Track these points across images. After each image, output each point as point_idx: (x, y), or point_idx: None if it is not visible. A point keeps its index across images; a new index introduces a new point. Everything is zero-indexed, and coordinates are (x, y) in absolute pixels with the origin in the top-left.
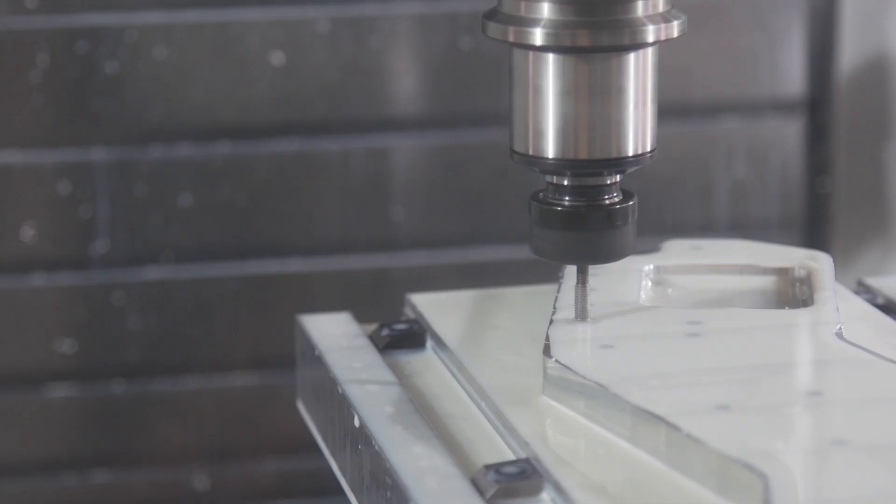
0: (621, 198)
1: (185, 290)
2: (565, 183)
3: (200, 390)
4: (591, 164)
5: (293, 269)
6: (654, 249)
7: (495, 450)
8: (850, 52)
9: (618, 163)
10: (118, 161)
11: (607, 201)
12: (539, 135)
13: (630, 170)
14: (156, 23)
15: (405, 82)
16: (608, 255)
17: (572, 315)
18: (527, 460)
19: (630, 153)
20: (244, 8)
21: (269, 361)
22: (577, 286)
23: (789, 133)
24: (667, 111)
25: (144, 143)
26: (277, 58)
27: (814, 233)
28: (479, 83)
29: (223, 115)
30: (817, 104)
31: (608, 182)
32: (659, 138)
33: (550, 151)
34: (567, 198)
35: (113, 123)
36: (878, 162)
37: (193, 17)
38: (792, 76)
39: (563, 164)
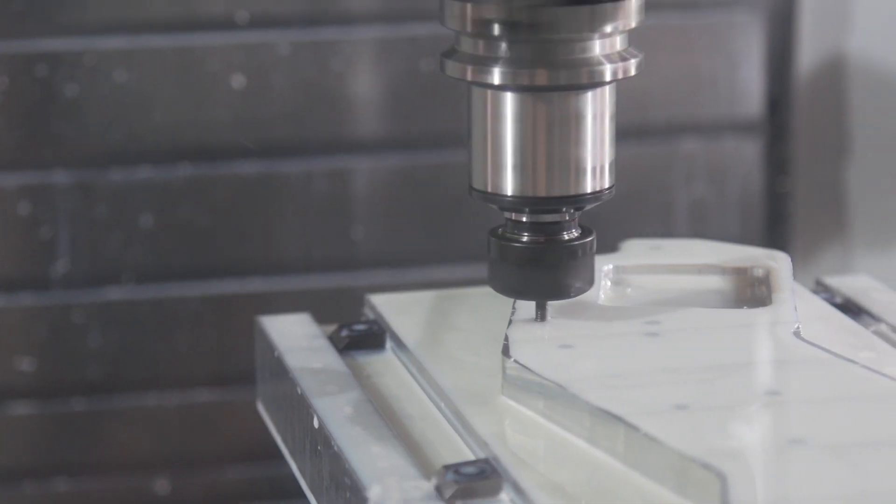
0: (580, 233)
1: (145, 309)
2: (524, 219)
3: (162, 406)
4: (550, 202)
5: (254, 289)
6: (613, 249)
7: (455, 450)
8: (807, 72)
9: (576, 199)
10: (79, 183)
11: (566, 237)
12: (497, 172)
13: (588, 206)
14: (115, 47)
15: (366, 104)
16: (567, 291)
17: (532, 315)
18: (486, 460)
19: (588, 190)
20: (205, 32)
21: (230, 378)
22: (536, 320)
23: (748, 152)
24: (627, 132)
25: (105, 165)
26: (238, 81)
27: (773, 232)
28: (439, 105)
29: (184, 138)
30: (776, 111)
31: (567, 218)
32: (619, 158)
33: (509, 188)
34: (525, 234)
35: (73, 146)
36: (837, 163)
37: (153, 42)
38: (751, 95)
39: (521, 202)
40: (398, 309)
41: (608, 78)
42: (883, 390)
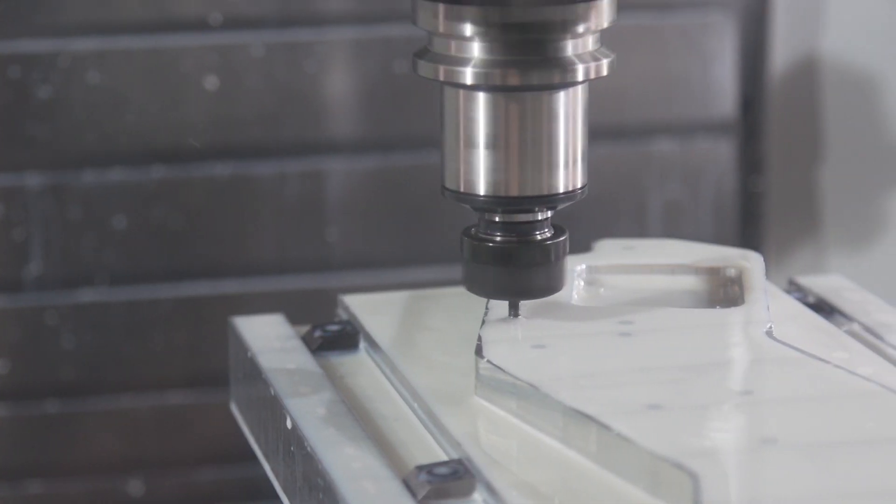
0: (553, 233)
1: (119, 311)
2: (496, 219)
3: (135, 408)
4: (522, 201)
5: (228, 291)
6: (586, 249)
7: (428, 451)
8: (780, 74)
9: (549, 199)
10: (52, 185)
11: (539, 237)
12: (470, 172)
13: (561, 206)
14: (89, 49)
15: (339, 106)
16: (540, 290)
17: (505, 315)
18: (459, 461)
19: (561, 190)
20: (178, 33)
21: (204, 380)
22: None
23: (722, 153)
24: (601, 133)
25: (78, 167)
26: (212, 82)
27: (746, 232)
28: (413, 106)
29: (157, 140)
30: (749, 110)
31: (539, 218)
32: (593, 159)
33: (481, 188)
34: (498, 234)
35: (46, 148)
36: (810, 163)
37: (127, 43)
38: (724, 96)
39: (493, 202)
40: (371, 309)
41: (580, 78)
42: (855, 390)
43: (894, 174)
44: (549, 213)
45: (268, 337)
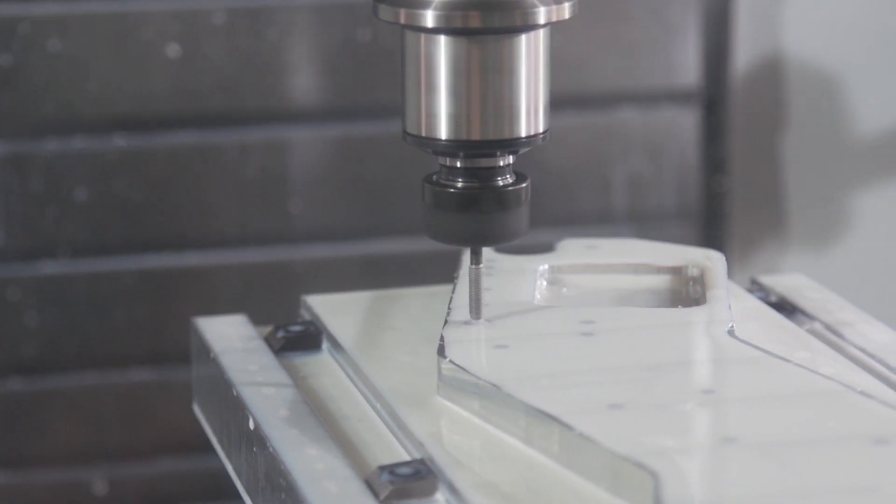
0: (514, 179)
1: (81, 284)
2: (458, 165)
3: (98, 386)
4: (484, 145)
5: (191, 263)
6: (548, 249)
7: (390, 451)
8: (744, 45)
9: (511, 143)
10: (12, 155)
11: (500, 183)
12: (431, 116)
13: (523, 150)
14: (50, 14)
15: (302, 74)
16: (502, 236)
17: (467, 315)
18: (421, 461)
19: (523, 134)
20: (139, 0)
21: (168, 356)
22: (470, 268)
23: (685, 124)
24: (564, 103)
25: (39, 136)
26: (174, 50)
27: (710, 231)
28: (376, 75)
29: (119, 108)
30: (713, 93)
31: (501, 164)
32: (557, 129)
33: (443, 133)
34: (460, 180)
35: (6, 117)
36: (774, 161)
37: (88, 9)
38: (687, 67)
39: (455, 145)
40: (334, 309)
41: (542, 21)
42: (816, 389)
43: (857, 170)
44: (511, 159)
45: (230, 337)
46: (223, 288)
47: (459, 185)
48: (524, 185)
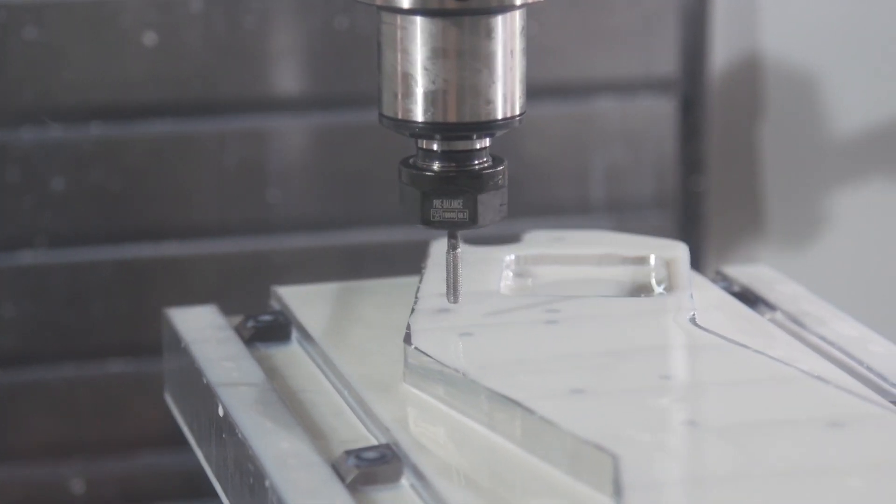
0: (491, 162)
1: (59, 275)
2: (435, 148)
3: (76, 378)
4: (461, 128)
5: (169, 253)
6: (515, 240)
7: (357, 436)
8: (721, 42)
9: (487, 126)
10: None
11: (477, 166)
12: (408, 98)
13: (499, 133)
14: (26, 2)
15: (280, 63)
16: (479, 220)
17: (434, 305)
18: (387, 446)
19: (499, 116)
20: None
21: (145, 347)
22: (447, 253)
23: (663, 114)
24: (542, 92)
25: (16, 125)
26: (150, 38)
27: (688, 223)
28: (354, 63)
29: (96, 97)
30: (691, 81)
31: (478, 147)
32: (534, 118)
33: (420, 115)
34: (437, 163)
35: None
36: (751, 158)
37: None
38: (666, 57)
39: (432, 128)
40: (304, 300)
41: (518, 1)
42: (773, 374)
43: (834, 171)
44: (488, 142)
45: (201, 328)
46: (201, 278)
47: (436, 167)
48: (501, 167)
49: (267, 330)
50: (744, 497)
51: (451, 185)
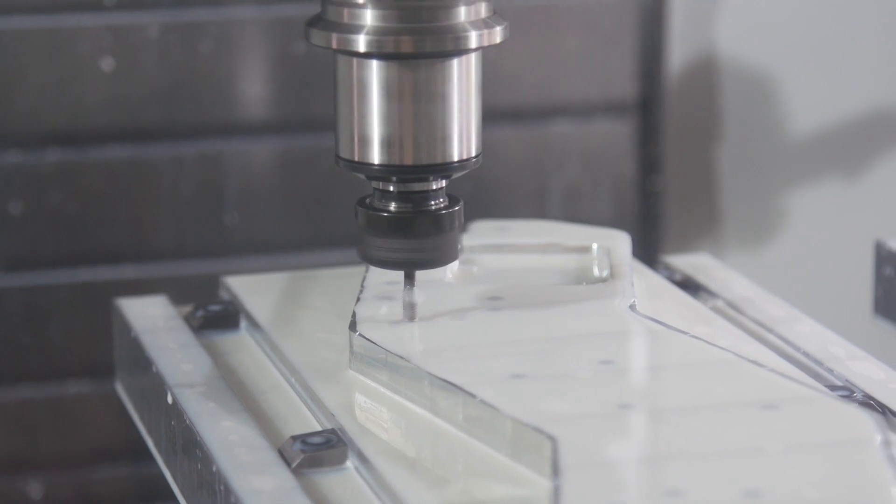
0: (447, 203)
1: (16, 298)
2: (391, 189)
3: (34, 399)
4: (417, 170)
5: (126, 276)
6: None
7: (303, 422)
8: (679, 53)
9: (443, 168)
10: None
11: (433, 207)
12: (364, 141)
13: (456, 175)
14: None
15: (237, 87)
16: (435, 260)
17: (379, 293)
18: (332, 431)
19: (455, 158)
20: (73, 14)
21: (104, 369)
22: (404, 290)
23: (621, 135)
24: (499, 115)
25: None
26: (108, 63)
27: (646, 230)
28: (312, 88)
29: (53, 122)
30: (648, 104)
31: (434, 188)
32: (493, 142)
33: (376, 157)
34: (393, 204)
35: None
36: (708, 161)
37: (21, 23)
38: (622, 78)
39: (388, 170)
40: (252, 289)
41: (473, 45)
42: (710, 358)
43: (790, 169)
44: (444, 183)
45: (151, 317)
46: None
47: (393, 208)
48: (457, 207)
49: (216, 319)
50: (679, 477)
51: (408, 227)
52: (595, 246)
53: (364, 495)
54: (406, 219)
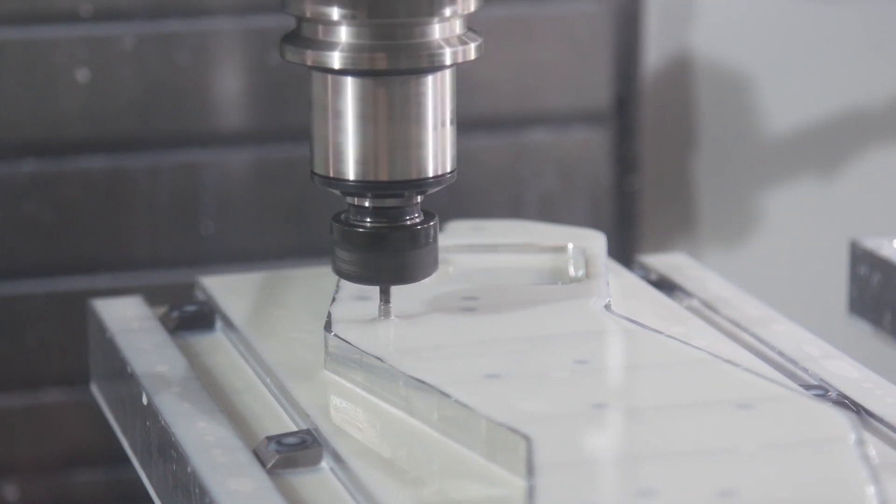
0: (422, 218)
1: None
2: (366, 204)
3: (9, 408)
4: (392, 186)
5: (102, 285)
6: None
7: (278, 422)
8: (655, 56)
9: (418, 184)
10: None
11: (409, 222)
12: (339, 157)
13: (431, 191)
14: None
15: (213, 98)
16: (411, 275)
17: (355, 293)
18: (307, 431)
19: (430, 174)
20: (49, 25)
21: (80, 377)
22: (380, 306)
23: (597, 143)
24: (476, 124)
25: None
26: (83, 74)
27: (622, 230)
28: (288, 98)
29: (29, 132)
30: (624, 105)
31: (409, 203)
32: (469, 150)
33: (351, 173)
34: (368, 219)
35: None
36: (684, 162)
37: None
38: (599, 86)
39: (363, 186)
40: (228, 290)
41: (448, 62)
42: (685, 358)
43: (766, 170)
44: (419, 198)
45: (126, 318)
46: None
47: (368, 224)
48: (432, 222)
49: (191, 319)
50: (653, 476)
51: (383, 242)
52: (571, 246)
53: (339, 496)
54: (381, 234)
